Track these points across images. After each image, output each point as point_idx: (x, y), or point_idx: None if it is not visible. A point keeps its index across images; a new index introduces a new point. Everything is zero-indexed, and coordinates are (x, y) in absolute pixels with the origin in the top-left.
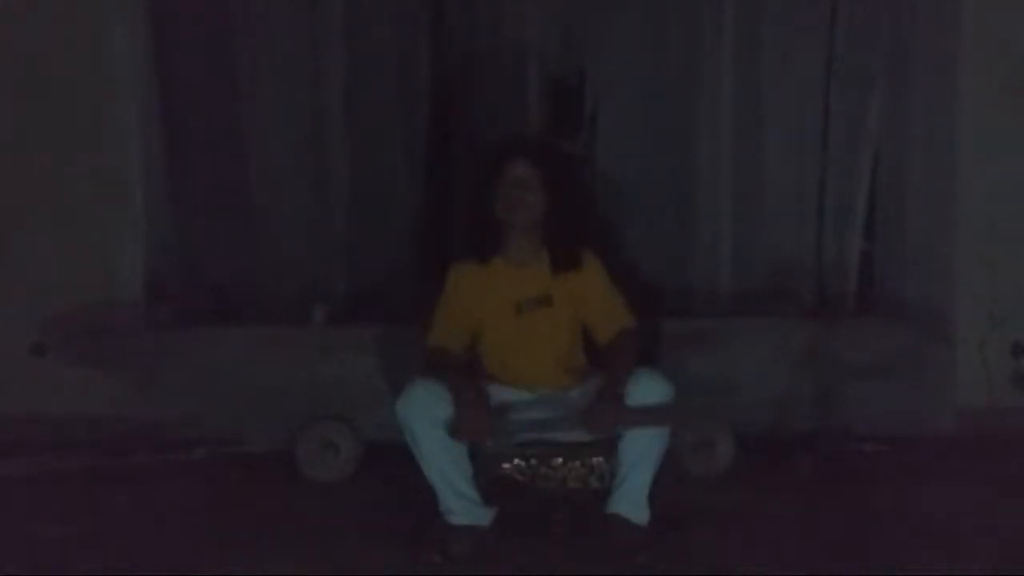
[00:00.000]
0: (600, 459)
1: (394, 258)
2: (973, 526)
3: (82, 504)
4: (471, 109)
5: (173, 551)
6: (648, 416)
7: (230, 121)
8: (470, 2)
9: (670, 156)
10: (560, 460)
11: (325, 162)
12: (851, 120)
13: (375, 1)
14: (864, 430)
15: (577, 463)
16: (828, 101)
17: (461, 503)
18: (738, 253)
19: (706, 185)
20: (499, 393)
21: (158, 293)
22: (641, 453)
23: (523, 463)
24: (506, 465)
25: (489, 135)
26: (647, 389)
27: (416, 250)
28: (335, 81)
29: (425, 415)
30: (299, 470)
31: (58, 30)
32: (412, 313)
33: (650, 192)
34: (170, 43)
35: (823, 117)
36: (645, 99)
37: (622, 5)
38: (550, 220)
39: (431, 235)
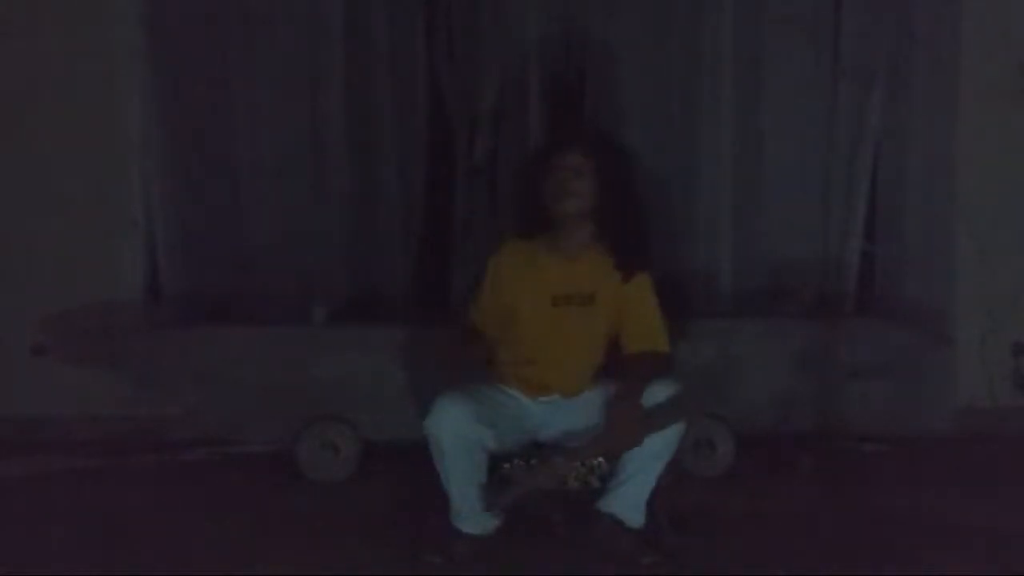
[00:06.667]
0: (600, 459)
1: (394, 259)
2: (973, 526)
3: (82, 504)
4: (470, 109)
5: (173, 551)
6: (664, 416)
7: (230, 122)
8: (470, 2)
9: (670, 156)
10: (561, 460)
11: (325, 162)
12: (851, 120)
13: (374, 3)
14: (864, 430)
15: (577, 463)
16: (829, 101)
17: (472, 514)
18: (738, 253)
19: (706, 185)
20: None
21: (158, 293)
22: (648, 459)
23: (523, 463)
24: (506, 465)
25: (488, 135)
26: (655, 388)
27: (415, 250)
28: (334, 83)
29: (456, 432)
30: (299, 470)
31: (60, 31)
32: (411, 313)
33: (650, 192)
34: (170, 45)
35: (823, 117)
36: (645, 99)
37: (622, 5)
38: (603, 213)
39: (430, 235)
